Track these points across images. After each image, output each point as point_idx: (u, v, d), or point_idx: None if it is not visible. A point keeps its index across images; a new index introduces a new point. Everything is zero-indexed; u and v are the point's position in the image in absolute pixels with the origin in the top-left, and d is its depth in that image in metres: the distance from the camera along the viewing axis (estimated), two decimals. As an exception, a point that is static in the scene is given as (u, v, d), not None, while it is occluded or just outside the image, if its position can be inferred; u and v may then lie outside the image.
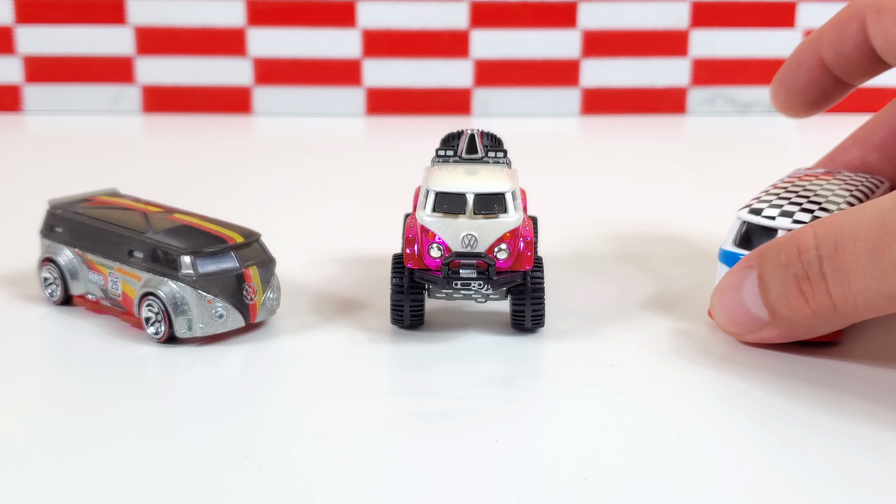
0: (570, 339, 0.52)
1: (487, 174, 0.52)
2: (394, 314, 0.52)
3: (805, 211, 0.50)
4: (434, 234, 0.50)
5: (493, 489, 0.37)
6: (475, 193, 0.50)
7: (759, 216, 0.51)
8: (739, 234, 0.51)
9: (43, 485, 0.38)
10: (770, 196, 0.53)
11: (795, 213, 0.50)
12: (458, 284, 0.50)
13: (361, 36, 1.13)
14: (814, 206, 0.51)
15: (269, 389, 0.46)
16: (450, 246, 0.50)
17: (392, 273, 0.51)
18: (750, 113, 1.13)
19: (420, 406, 0.44)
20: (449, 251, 0.49)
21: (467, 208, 0.50)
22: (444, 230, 0.50)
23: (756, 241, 0.50)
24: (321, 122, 1.13)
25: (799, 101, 0.59)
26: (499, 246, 0.49)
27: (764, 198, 0.53)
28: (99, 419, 0.43)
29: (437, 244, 0.49)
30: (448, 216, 0.50)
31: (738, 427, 0.43)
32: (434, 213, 0.50)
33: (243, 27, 1.13)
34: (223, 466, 0.39)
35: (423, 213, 0.50)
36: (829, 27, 0.55)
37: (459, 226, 0.50)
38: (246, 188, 0.85)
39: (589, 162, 0.55)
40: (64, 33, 1.13)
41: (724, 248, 0.52)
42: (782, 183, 0.56)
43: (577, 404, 0.45)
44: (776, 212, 0.50)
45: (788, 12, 1.11)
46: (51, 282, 0.55)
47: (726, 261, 0.51)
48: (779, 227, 0.50)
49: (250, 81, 1.15)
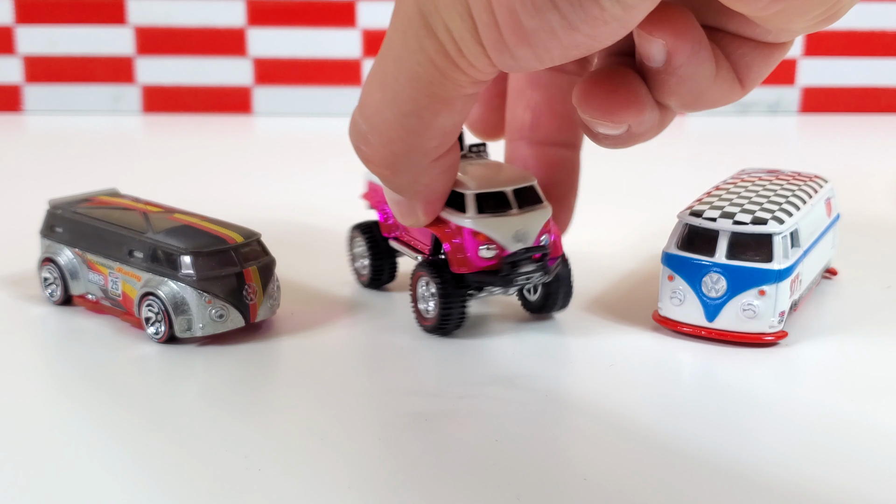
0: (570, 339, 0.52)
1: (504, 168, 0.52)
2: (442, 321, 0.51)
3: (746, 212, 0.50)
4: (484, 236, 0.50)
5: (493, 489, 0.37)
6: (513, 189, 0.50)
7: (699, 218, 0.51)
8: (682, 236, 0.52)
9: (43, 484, 0.38)
10: (711, 198, 0.53)
11: (736, 214, 0.50)
12: (519, 279, 0.50)
13: (361, 36, 1.13)
14: (755, 207, 0.51)
15: (269, 389, 0.46)
16: (502, 244, 0.50)
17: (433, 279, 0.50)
18: (750, 113, 1.13)
19: (420, 406, 0.44)
20: (501, 249, 0.50)
21: (512, 204, 0.50)
22: (493, 230, 0.50)
23: (699, 243, 0.51)
24: (321, 122, 1.13)
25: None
26: (544, 235, 0.50)
27: (705, 199, 0.53)
28: (99, 419, 0.43)
29: (487, 245, 0.49)
30: (495, 216, 0.50)
31: (736, 427, 0.43)
32: (479, 214, 0.50)
33: (243, 27, 1.13)
34: (223, 466, 0.39)
35: (464, 218, 0.50)
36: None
37: (509, 223, 0.50)
38: (246, 188, 0.85)
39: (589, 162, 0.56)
40: (64, 33, 1.13)
41: (668, 251, 0.52)
42: (724, 185, 0.56)
43: (576, 404, 0.45)
44: (717, 213, 0.51)
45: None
46: (51, 282, 0.55)
47: (669, 263, 0.51)
48: (720, 229, 0.50)
49: (250, 81, 1.15)
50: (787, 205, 0.52)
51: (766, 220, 0.50)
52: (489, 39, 0.34)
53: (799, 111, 1.14)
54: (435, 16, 0.35)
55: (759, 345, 0.50)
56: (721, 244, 0.50)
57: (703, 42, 0.37)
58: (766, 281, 0.49)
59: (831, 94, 1.14)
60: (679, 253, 0.51)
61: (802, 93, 1.14)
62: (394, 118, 0.40)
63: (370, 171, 0.44)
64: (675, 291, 0.51)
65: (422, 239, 0.53)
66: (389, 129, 0.41)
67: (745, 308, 0.49)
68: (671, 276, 0.51)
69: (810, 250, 0.53)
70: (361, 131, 0.42)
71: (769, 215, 0.50)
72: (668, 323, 0.51)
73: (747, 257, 0.50)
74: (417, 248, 0.54)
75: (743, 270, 0.49)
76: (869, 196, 0.80)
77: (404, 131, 0.40)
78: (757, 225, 0.49)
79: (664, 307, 0.52)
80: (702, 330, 0.51)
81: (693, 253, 0.51)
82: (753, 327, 0.50)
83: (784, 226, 0.50)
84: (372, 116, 0.41)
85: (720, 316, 0.50)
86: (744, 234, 0.50)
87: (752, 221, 0.50)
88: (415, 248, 0.54)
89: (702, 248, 0.50)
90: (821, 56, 1.13)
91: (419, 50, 0.36)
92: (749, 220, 0.50)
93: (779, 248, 0.49)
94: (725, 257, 0.50)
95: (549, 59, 0.34)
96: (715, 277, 0.50)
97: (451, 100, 0.38)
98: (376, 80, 0.40)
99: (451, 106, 0.39)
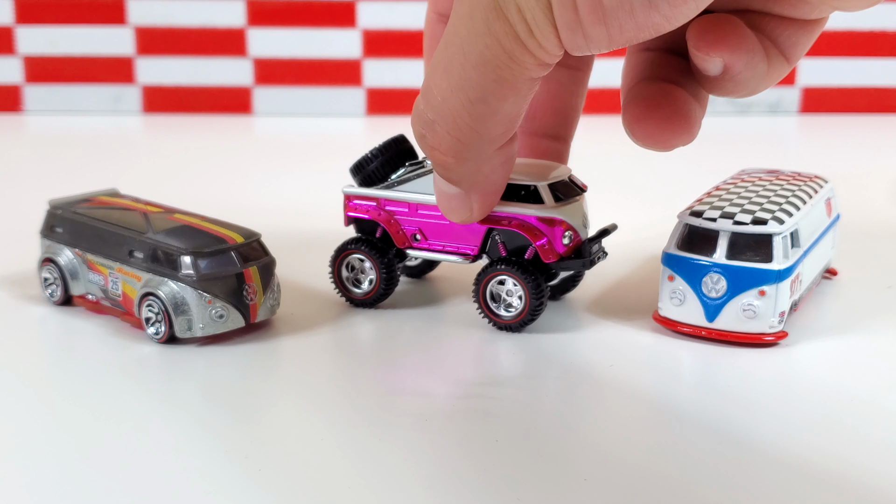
0: (571, 339, 0.52)
1: (534, 162, 0.53)
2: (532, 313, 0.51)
3: (746, 212, 0.50)
4: (567, 224, 0.51)
5: (494, 489, 0.37)
6: (566, 179, 0.52)
7: (699, 218, 0.51)
8: (682, 236, 0.52)
9: (43, 484, 0.38)
10: (711, 198, 0.53)
11: (736, 214, 0.50)
12: (596, 261, 0.53)
13: (361, 36, 1.13)
14: (755, 208, 0.51)
15: (269, 389, 0.46)
16: (576, 229, 0.52)
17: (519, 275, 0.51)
18: (750, 113, 1.13)
19: (420, 406, 0.44)
20: (576, 234, 0.52)
21: (575, 192, 0.52)
22: (570, 217, 0.52)
23: (699, 243, 0.51)
24: (321, 122, 1.13)
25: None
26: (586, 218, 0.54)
27: (705, 200, 0.53)
28: (99, 419, 0.43)
29: (569, 232, 0.51)
30: (568, 203, 0.52)
31: (736, 427, 0.43)
32: (556, 204, 0.51)
33: (243, 27, 1.13)
34: (223, 466, 0.39)
35: (545, 208, 0.51)
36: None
37: (576, 209, 0.52)
38: (246, 188, 0.85)
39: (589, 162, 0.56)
40: (64, 34, 1.13)
41: (668, 251, 0.52)
42: (724, 185, 0.56)
43: (576, 404, 0.45)
44: (717, 214, 0.51)
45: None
46: (51, 282, 0.55)
47: (669, 264, 0.51)
48: (720, 229, 0.50)
49: (250, 81, 1.15)
50: (787, 205, 0.52)
51: (766, 220, 0.50)
52: (563, 19, 0.35)
53: (799, 111, 1.14)
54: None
55: (759, 345, 0.50)
56: (721, 244, 0.50)
57: (756, 48, 0.39)
58: (766, 281, 0.49)
59: (831, 94, 1.14)
60: (679, 253, 0.51)
61: (802, 93, 1.14)
62: (461, 105, 0.40)
63: (431, 160, 0.44)
64: (675, 292, 0.51)
65: (463, 241, 0.53)
66: (456, 116, 0.41)
67: (745, 308, 0.49)
68: (671, 277, 0.51)
69: (810, 250, 0.53)
70: (427, 119, 0.42)
71: (769, 215, 0.50)
72: (668, 323, 0.52)
73: (747, 257, 0.50)
74: (456, 251, 0.53)
75: (743, 271, 0.49)
76: (869, 196, 0.80)
77: (471, 118, 0.41)
78: (757, 225, 0.49)
79: (664, 307, 0.52)
80: (702, 330, 0.51)
81: (693, 253, 0.51)
82: (753, 327, 0.50)
83: (784, 226, 0.50)
84: (438, 105, 0.41)
85: (720, 316, 0.50)
86: (744, 234, 0.50)
87: (753, 222, 0.50)
88: (450, 252, 0.53)
89: (702, 248, 0.50)
90: (821, 56, 1.13)
91: (487, 33, 0.37)
92: (749, 220, 0.50)
93: (779, 249, 0.49)
94: (725, 257, 0.50)
95: (620, 39, 0.35)
96: (715, 278, 0.50)
97: (518, 84, 0.39)
98: (441, 68, 0.40)
99: (517, 90, 0.39)
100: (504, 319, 0.52)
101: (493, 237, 0.52)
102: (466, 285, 0.58)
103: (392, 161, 0.54)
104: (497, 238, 0.52)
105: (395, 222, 0.54)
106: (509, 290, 0.51)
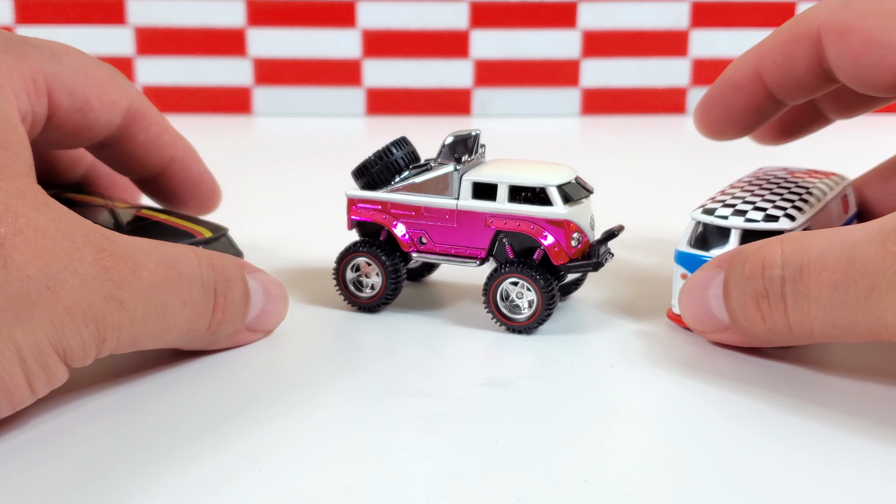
0: (571, 340, 0.52)
1: (539, 163, 0.54)
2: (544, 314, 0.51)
3: (758, 209, 0.50)
4: (575, 225, 0.51)
5: (493, 489, 0.37)
6: (573, 180, 0.53)
7: (712, 216, 0.51)
8: (695, 234, 0.51)
9: (43, 484, 0.38)
10: (725, 196, 0.53)
11: (748, 212, 0.50)
12: (605, 261, 0.53)
13: (361, 36, 1.13)
14: (767, 205, 0.51)
15: (269, 389, 0.46)
16: (585, 231, 0.52)
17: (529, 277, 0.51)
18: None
19: (420, 406, 0.44)
20: (584, 235, 0.52)
21: (582, 193, 0.53)
22: (579, 218, 0.52)
23: (712, 241, 0.51)
24: (321, 122, 1.13)
25: (733, 125, 0.56)
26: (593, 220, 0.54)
27: (719, 197, 0.53)
28: (97, 419, 0.43)
29: (577, 234, 0.51)
30: (577, 204, 0.52)
31: (731, 429, 0.43)
32: (567, 205, 0.51)
33: (243, 27, 1.13)
34: (223, 466, 0.39)
35: (555, 210, 0.51)
36: (771, 48, 0.53)
37: (584, 210, 0.52)
38: (246, 188, 0.84)
39: (589, 162, 0.56)
40: (64, 34, 1.13)
41: (680, 248, 0.52)
42: (739, 183, 0.56)
43: (576, 404, 0.45)
44: (729, 211, 0.51)
45: (788, 12, 1.11)
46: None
47: (682, 262, 0.51)
48: (732, 227, 0.50)
49: (250, 81, 1.15)
50: (799, 202, 0.51)
51: (777, 217, 0.49)
52: None
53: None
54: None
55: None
56: (733, 242, 0.50)
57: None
58: None
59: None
60: (692, 251, 0.51)
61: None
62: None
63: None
64: None
65: (470, 244, 0.53)
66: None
67: None
68: (684, 275, 0.51)
69: None
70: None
71: (781, 212, 0.50)
72: (682, 321, 0.51)
73: None
74: (464, 254, 0.53)
75: None
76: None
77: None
78: (768, 222, 0.49)
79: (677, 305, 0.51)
80: None
81: (706, 251, 0.50)
82: None
83: (795, 223, 0.49)
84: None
85: None
86: (755, 231, 0.49)
87: (764, 219, 0.49)
88: (458, 255, 0.53)
89: (715, 245, 0.50)
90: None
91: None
92: (760, 217, 0.49)
93: None
94: None
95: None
96: None
97: None
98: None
99: None
100: (517, 322, 0.52)
101: (501, 239, 0.52)
102: (466, 287, 0.58)
103: (395, 164, 0.54)
104: (504, 240, 0.52)
105: (401, 226, 0.54)
106: (520, 292, 0.51)
